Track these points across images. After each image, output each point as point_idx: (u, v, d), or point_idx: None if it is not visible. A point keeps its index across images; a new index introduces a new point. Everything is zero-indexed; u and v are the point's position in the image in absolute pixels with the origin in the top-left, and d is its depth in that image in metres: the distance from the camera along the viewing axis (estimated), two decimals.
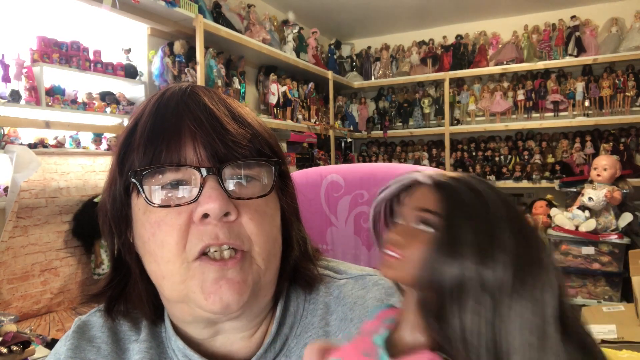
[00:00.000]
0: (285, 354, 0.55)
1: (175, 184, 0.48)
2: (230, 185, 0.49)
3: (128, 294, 0.56)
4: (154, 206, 0.48)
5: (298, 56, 3.55)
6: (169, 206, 0.48)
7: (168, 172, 0.48)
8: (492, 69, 3.97)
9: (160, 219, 0.48)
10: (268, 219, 0.51)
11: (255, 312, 0.53)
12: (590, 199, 2.69)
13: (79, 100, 2.15)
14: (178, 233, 0.47)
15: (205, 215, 0.47)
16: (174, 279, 0.48)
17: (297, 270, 0.58)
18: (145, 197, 0.48)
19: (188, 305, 0.50)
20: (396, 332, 0.27)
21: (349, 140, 4.60)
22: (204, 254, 0.48)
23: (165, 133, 0.48)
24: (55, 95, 2.04)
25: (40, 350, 1.43)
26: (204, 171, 0.47)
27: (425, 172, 0.28)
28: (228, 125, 0.49)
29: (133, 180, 0.48)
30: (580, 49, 3.68)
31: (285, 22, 3.59)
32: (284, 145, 3.37)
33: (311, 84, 3.71)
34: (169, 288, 0.50)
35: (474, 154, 4.10)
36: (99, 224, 0.55)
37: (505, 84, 4.03)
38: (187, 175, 0.48)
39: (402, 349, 0.26)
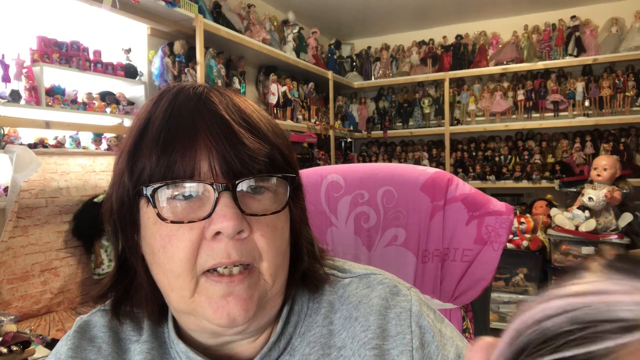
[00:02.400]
0: (289, 353, 0.55)
1: (188, 198, 0.48)
2: (244, 201, 0.48)
3: (132, 294, 0.55)
4: (166, 222, 0.47)
5: (298, 56, 3.55)
6: (182, 222, 0.47)
7: (181, 186, 0.47)
8: (492, 69, 3.97)
9: (172, 232, 0.47)
10: (279, 233, 0.51)
11: (263, 323, 0.54)
12: (590, 199, 2.69)
13: (79, 100, 2.15)
14: (189, 249, 0.47)
15: (218, 233, 0.46)
16: (183, 292, 0.48)
17: (305, 274, 0.58)
18: (158, 212, 0.47)
19: (195, 317, 0.50)
20: None
21: (349, 140, 4.60)
22: (212, 269, 0.48)
23: (179, 143, 0.47)
24: (55, 95, 2.04)
25: (40, 350, 1.43)
26: (218, 187, 0.46)
27: None
28: (245, 139, 0.48)
29: (145, 193, 0.48)
30: (580, 49, 3.68)
31: (285, 22, 3.59)
32: None
33: (311, 84, 3.71)
34: (178, 301, 0.49)
35: (474, 154, 4.10)
36: (100, 222, 0.54)
37: (505, 84, 4.03)
38: (201, 189, 0.47)
39: None
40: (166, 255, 0.48)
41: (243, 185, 0.48)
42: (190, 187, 0.47)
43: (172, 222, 0.47)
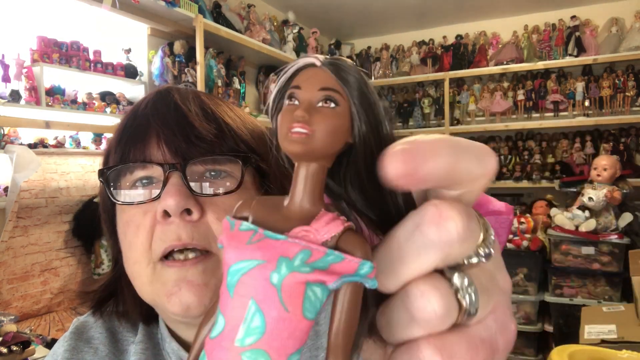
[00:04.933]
0: None
1: (145, 183, 0.48)
2: (200, 183, 0.48)
3: (122, 294, 0.56)
4: (118, 203, 0.48)
5: (298, 56, 3.54)
6: (132, 203, 0.47)
7: (136, 171, 0.48)
8: (492, 69, 3.97)
9: (129, 218, 0.48)
10: None
11: None
12: (590, 199, 2.69)
13: (79, 100, 2.15)
14: (143, 233, 0.47)
15: (167, 214, 0.46)
16: (142, 280, 0.48)
17: None
18: (111, 193, 0.48)
19: (160, 308, 0.50)
20: (271, 212, 0.25)
21: None
22: (168, 255, 0.47)
23: (133, 133, 0.49)
24: (55, 95, 2.04)
25: (40, 350, 1.43)
26: (167, 168, 0.47)
27: (314, 55, 0.27)
28: (194, 122, 0.48)
29: (100, 179, 0.49)
30: (580, 49, 3.68)
31: (285, 22, 3.59)
32: None
33: None
34: (140, 290, 0.49)
35: None
36: (100, 222, 0.56)
37: (505, 84, 4.03)
38: (154, 173, 0.48)
39: (291, 219, 0.24)
40: (126, 242, 0.48)
41: (196, 168, 0.48)
42: (141, 170, 0.48)
43: (123, 203, 0.48)
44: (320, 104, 0.23)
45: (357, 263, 0.20)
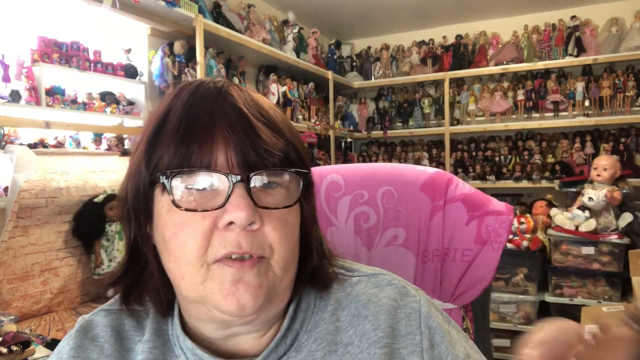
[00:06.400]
0: (296, 349, 0.55)
1: (203, 188, 0.48)
2: (257, 194, 0.49)
3: (143, 284, 0.56)
4: (181, 209, 0.48)
5: (298, 56, 3.55)
6: (195, 210, 0.48)
7: (197, 175, 0.48)
8: (492, 69, 3.97)
9: (185, 221, 0.48)
10: (290, 228, 0.51)
11: (270, 317, 0.54)
12: (590, 199, 2.69)
13: (79, 100, 2.15)
14: (201, 237, 0.48)
15: (230, 223, 0.47)
16: (193, 280, 0.49)
17: (313, 272, 0.58)
18: (173, 199, 0.48)
19: (205, 306, 0.50)
20: None
21: (349, 140, 4.59)
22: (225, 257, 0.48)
23: (198, 134, 0.48)
24: (55, 95, 2.04)
25: (40, 350, 1.43)
26: (233, 178, 0.47)
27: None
28: (261, 133, 0.49)
29: (162, 180, 0.48)
30: (580, 49, 3.68)
31: (285, 22, 3.59)
32: None
33: (311, 84, 3.71)
34: (188, 289, 0.50)
35: (474, 154, 4.10)
36: (100, 222, 0.56)
37: (505, 84, 4.03)
38: (216, 180, 0.48)
39: None
40: (177, 243, 0.48)
41: (257, 179, 0.49)
42: (205, 177, 0.48)
43: (187, 209, 0.48)
44: None
45: None
